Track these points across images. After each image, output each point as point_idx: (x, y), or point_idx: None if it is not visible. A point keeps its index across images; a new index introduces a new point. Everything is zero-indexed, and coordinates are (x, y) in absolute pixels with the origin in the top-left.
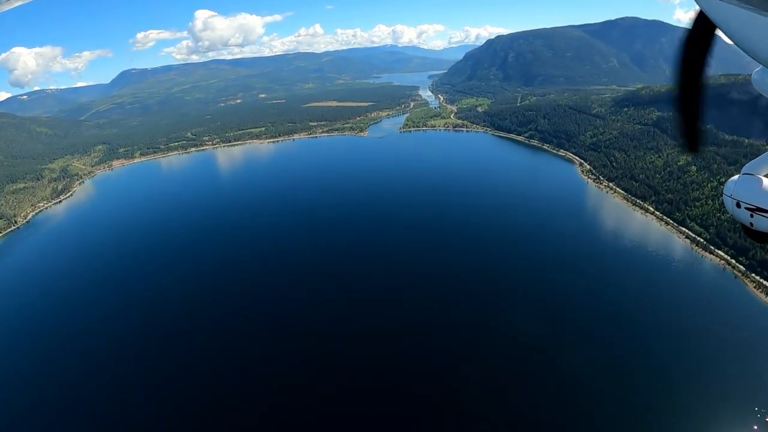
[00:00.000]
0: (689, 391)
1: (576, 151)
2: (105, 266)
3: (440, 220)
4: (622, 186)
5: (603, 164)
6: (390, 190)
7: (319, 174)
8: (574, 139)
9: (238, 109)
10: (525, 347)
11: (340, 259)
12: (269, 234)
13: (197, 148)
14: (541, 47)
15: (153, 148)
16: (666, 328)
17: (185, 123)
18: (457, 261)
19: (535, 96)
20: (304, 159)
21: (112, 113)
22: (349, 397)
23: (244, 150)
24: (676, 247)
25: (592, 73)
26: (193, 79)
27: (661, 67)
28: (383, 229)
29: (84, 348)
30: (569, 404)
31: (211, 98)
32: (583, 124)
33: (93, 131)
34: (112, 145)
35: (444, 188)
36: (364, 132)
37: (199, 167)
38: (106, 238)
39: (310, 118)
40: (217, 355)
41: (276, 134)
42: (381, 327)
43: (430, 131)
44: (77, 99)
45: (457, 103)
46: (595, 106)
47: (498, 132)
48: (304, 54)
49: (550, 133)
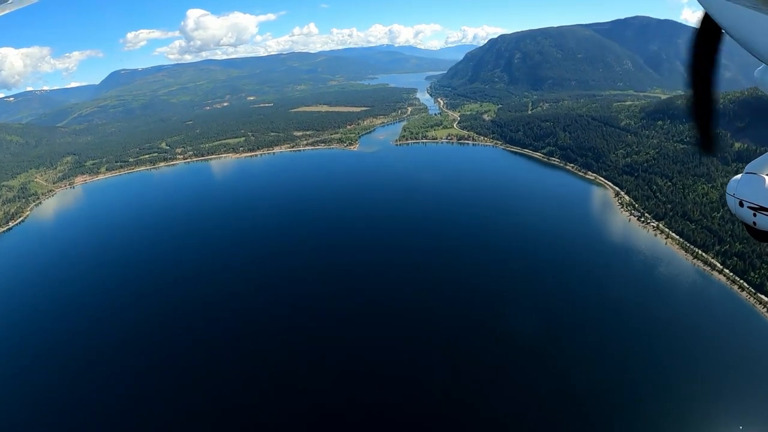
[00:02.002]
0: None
1: (607, 175)
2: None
3: (444, 272)
4: (674, 228)
5: (645, 195)
6: (382, 225)
7: (294, 202)
8: (603, 159)
9: (222, 114)
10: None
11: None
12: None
13: (167, 163)
14: (550, 47)
15: (122, 161)
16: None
17: (164, 130)
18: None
19: (547, 102)
20: (278, 181)
21: (94, 117)
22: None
23: (215, 166)
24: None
25: (605, 76)
26: (182, 80)
27: (677, 70)
28: (370, 280)
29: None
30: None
31: (197, 101)
32: (612, 139)
33: (67, 139)
34: (81, 156)
35: (449, 224)
36: (353, 145)
37: (160, 188)
38: (43, 281)
39: (295, 126)
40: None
41: (255, 147)
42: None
43: (430, 144)
44: (66, 100)
45: (460, 109)
46: (622, 118)
47: (510, 146)
48: (298, 54)
49: (574, 149)
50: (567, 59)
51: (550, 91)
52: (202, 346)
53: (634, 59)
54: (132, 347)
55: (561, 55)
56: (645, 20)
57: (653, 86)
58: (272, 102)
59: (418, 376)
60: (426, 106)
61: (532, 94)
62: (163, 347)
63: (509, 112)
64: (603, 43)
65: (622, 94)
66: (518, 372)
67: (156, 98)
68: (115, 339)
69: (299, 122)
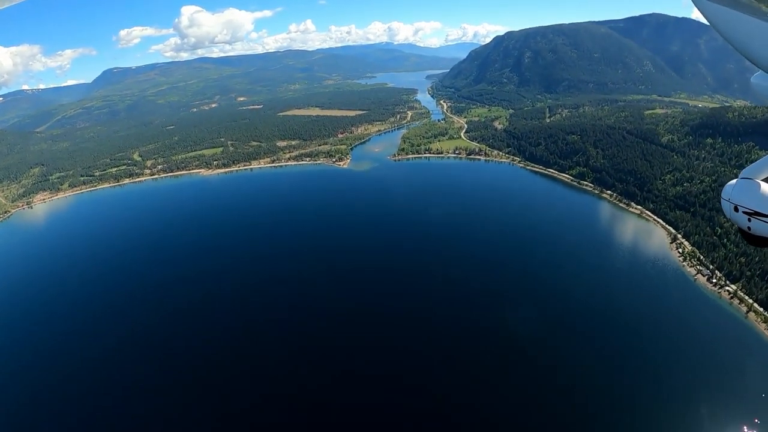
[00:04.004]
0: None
1: (656, 208)
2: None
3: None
4: (756, 295)
5: (710, 242)
6: (372, 286)
7: (259, 244)
8: (648, 186)
9: (207, 117)
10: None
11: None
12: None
13: (132, 179)
14: (563, 46)
15: (88, 175)
16: None
17: (142, 136)
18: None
19: (566, 108)
20: (242, 213)
21: (78, 120)
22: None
23: (182, 185)
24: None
25: (625, 78)
26: (173, 79)
27: (701, 73)
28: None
29: None
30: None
31: (185, 102)
32: (656, 161)
33: (41, 146)
34: (49, 167)
35: (464, 281)
36: (343, 161)
37: (115, 214)
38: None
39: (280, 134)
40: None
41: (231, 160)
42: None
43: (435, 160)
44: (57, 100)
45: (466, 114)
46: (661, 132)
47: (531, 165)
48: (295, 52)
49: (610, 172)
50: (582, 59)
51: (566, 94)
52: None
53: (654, 60)
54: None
55: (576, 55)
56: (661, 18)
57: (677, 90)
58: (262, 103)
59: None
60: (428, 110)
61: (546, 97)
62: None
63: (524, 120)
64: (621, 41)
65: (646, 99)
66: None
67: (143, 99)
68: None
69: (285, 129)
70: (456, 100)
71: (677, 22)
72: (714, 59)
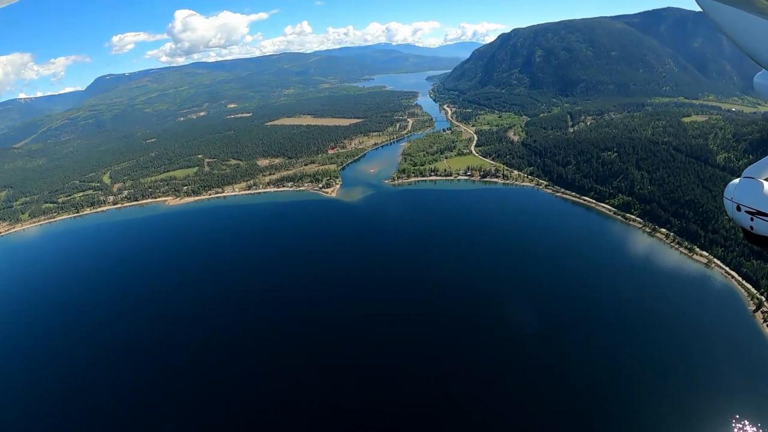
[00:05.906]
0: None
1: (725, 255)
2: None
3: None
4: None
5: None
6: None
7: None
8: (709, 221)
9: (191, 128)
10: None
11: None
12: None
13: (93, 209)
14: (577, 43)
15: (51, 202)
16: None
17: (119, 152)
18: None
19: (589, 114)
20: (200, 260)
21: (62, 132)
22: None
23: (142, 219)
24: None
25: (647, 78)
26: (165, 86)
27: (727, 72)
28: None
29: None
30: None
31: (173, 111)
32: (715, 187)
33: (16, 163)
34: (16, 191)
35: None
36: (331, 188)
37: (61, 257)
38: None
39: (264, 150)
40: None
41: (203, 185)
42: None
43: (441, 183)
44: (50, 109)
45: (474, 122)
46: (714, 148)
47: (562, 191)
48: (291, 54)
49: (662, 203)
50: (600, 57)
51: (584, 97)
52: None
53: (675, 58)
54: None
55: (592, 53)
56: (679, 13)
57: (704, 92)
58: (252, 111)
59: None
60: (431, 117)
61: (562, 101)
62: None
63: (543, 129)
64: (639, 38)
65: (674, 102)
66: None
67: (131, 108)
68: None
69: (270, 143)
70: (461, 105)
71: (696, 16)
72: (738, 56)
